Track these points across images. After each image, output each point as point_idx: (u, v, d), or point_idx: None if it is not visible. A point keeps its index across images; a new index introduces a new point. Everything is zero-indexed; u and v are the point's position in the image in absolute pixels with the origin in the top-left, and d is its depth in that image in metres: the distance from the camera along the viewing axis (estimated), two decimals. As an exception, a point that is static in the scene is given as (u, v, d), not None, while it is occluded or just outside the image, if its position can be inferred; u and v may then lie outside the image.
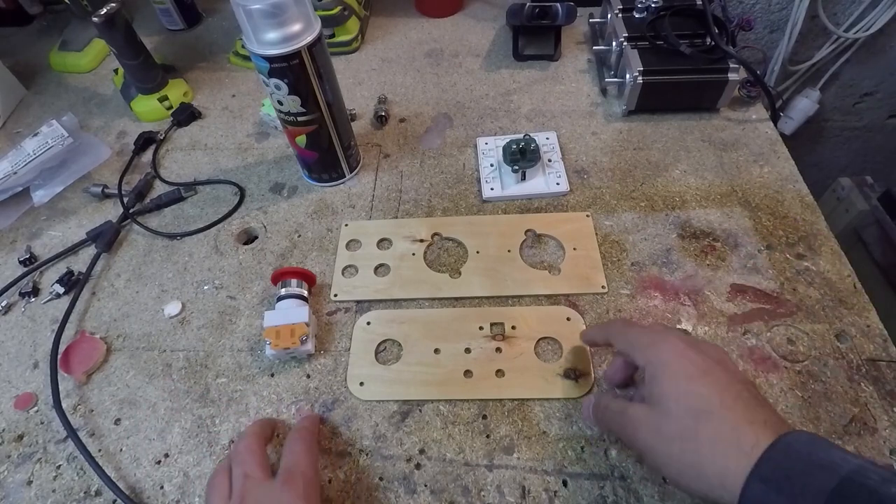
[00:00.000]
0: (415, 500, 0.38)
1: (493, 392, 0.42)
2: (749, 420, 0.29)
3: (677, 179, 0.56)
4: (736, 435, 0.28)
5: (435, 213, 0.55)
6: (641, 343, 0.35)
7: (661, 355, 0.33)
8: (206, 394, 0.44)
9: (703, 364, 0.32)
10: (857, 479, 0.25)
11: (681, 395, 0.31)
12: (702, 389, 0.31)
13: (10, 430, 0.44)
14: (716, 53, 0.58)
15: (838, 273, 0.47)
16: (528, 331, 0.45)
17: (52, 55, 0.78)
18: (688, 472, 0.30)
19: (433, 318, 0.47)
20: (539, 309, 0.47)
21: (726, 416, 0.29)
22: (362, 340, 0.46)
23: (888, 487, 0.24)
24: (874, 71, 0.91)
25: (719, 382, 0.31)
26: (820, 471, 0.26)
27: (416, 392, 0.43)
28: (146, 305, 0.50)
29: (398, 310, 0.48)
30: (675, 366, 0.32)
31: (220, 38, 0.80)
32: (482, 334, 0.45)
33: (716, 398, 0.30)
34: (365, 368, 0.44)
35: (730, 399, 0.30)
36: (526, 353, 0.44)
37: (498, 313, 0.47)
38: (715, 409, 0.30)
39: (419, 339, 0.46)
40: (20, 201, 0.60)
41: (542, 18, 0.66)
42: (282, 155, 0.62)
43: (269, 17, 0.43)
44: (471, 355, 0.44)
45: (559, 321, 0.46)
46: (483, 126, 0.63)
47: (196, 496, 0.39)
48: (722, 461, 0.28)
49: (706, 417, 0.30)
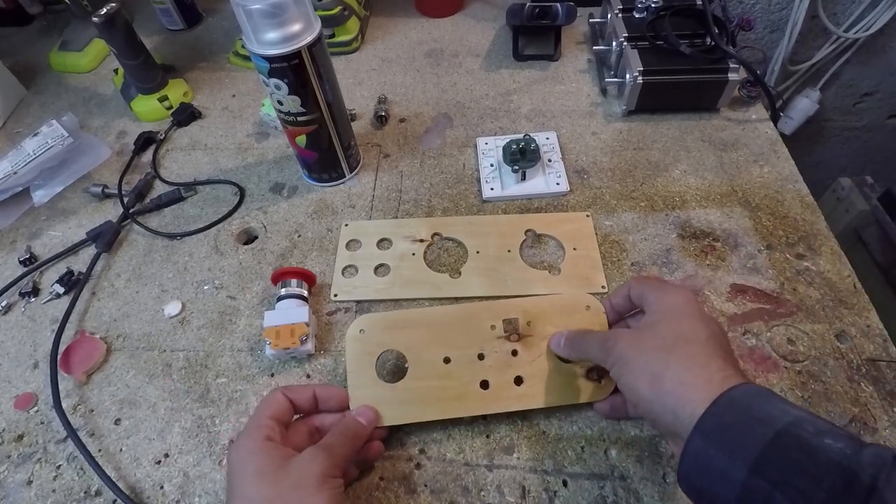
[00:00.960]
0: (415, 500, 0.38)
1: (514, 403, 0.39)
2: (724, 357, 0.31)
3: (677, 179, 0.56)
4: (707, 359, 0.30)
5: (435, 213, 0.55)
6: (655, 286, 0.36)
7: (670, 297, 0.35)
8: (206, 394, 0.44)
9: (704, 318, 0.33)
10: (793, 431, 0.26)
11: (673, 324, 0.33)
12: (696, 325, 0.32)
13: (10, 430, 0.44)
14: (716, 53, 0.58)
15: (838, 273, 0.47)
16: (545, 326, 0.41)
17: (52, 55, 0.78)
18: (649, 380, 0.31)
19: (437, 320, 0.42)
20: (555, 298, 0.43)
21: (707, 346, 0.31)
22: (358, 354, 0.40)
23: (821, 438, 0.25)
24: (874, 71, 0.91)
25: (714, 327, 0.33)
26: (757, 424, 0.26)
27: (433, 412, 0.39)
28: (146, 305, 0.50)
29: (395, 312, 0.44)
30: (680, 307, 0.34)
31: (220, 38, 0.80)
32: (495, 335, 0.41)
33: (705, 333, 0.32)
34: (368, 389, 0.39)
35: (716, 340, 0.32)
36: (545, 353, 0.41)
37: (510, 306, 0.42)
38: (700, 339, 0.31)
39: (425, 346, 0.41)
40: (20, 201, 0.60)
41: (542, 18, 0.66)
42: (282, 155, 0.62)
43: (269, 17, 0.43)
44: (485, 362, 0.40)
45: (578, 311, 0.41)
46: (483, 126, 0.63)
47: (196, 496, 0.39)
48: (684, 373, 0.30)
49: (688, 340, 0.31)
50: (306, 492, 0.32)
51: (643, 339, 0.33)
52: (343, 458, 0.35)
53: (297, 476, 0.32)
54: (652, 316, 0.35)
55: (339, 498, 0.33)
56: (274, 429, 0.35)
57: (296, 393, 0.38)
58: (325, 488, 0.32)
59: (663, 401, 0.30)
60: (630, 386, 0.32)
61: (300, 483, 0.32)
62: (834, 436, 0.25)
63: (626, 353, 0.33)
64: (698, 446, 0.28)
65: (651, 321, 0.34)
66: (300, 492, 0.32)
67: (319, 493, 0.32)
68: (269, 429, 0.35)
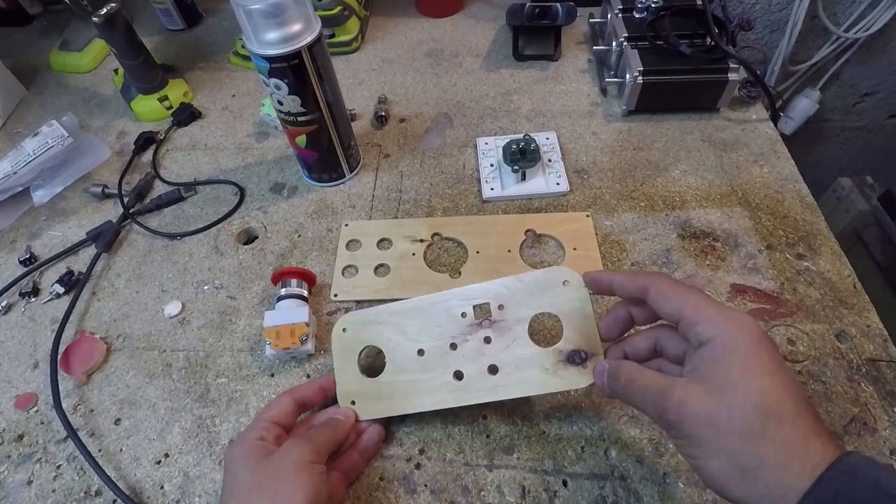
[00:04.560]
0: (415, 500, 0.38)
1: (488, 394, 0.38)
2: (817, 433, 0.26)
3: (677, 179, 0.56)
4: (805, 445, 0.26)
5: (435, 213, 0.55)
6: (706, 312, 0.29)
7: (734, 337, 0.28)
8: (206, 394, 0.44)
9: (779, 360, 0.28)
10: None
11: (753, 389, 0.27)
12: (777, 388, 0.27)
13: (11, 430, 0.44)
14: (716, 53, 0.58)
15: (838, 273, 0.47)
16: (518, 309, 0.38)
17: (52, 55, 0.78)
18: (738, 475, 0.26)
19: (408, 310, 0.41)
20: (526, 277, 0.39)
21: (798, 424, 0.26)
22: (343, 352, 0.41)
23: None
24: (874, 71, 0.91)
25: (792, 384, 0.27)
26: (889, 501, 0.23)
27: (410, 405, 0.39)
28: (146, 305, 0.50)
29: (371, 308, 0.43)
30: (751, 354, 0.28)
31: (220, 38, 0.80)
32: (466, 322, 0.39)
33: (791, 402, 0.27)
34: (353, 385, 0.41)
35: (802, 405, 0.27)
36: (519, 337, 0.38)
37: (479, 291, 0.39)
38: (788, 413, 0.26)
39: (399, 340, 0.40)
40: (20, 201, 0.60)
41: (542, 18, 0.66)
42: (282, 155, 0.62)
43: (269, 17, 0.43)
44: (458, 352, 0.39)
45: (555, 289, 0.38)
46: (483, 126, 0.63)
47: (196, 496, 0.39)
48: (784, 471, 0.25)
49: (778, 419, 0.26)
50: (285, 477, 0.33)
51: (719, 415, 0.27)
52: (322, 444, 0.36)
53: (276, 465, 0.34)
54: (718, 369, 0.28)
55: (319, 483, 0.34)
56: (269, 430, 0.37)
57: (302, 391, 0.40)
58: (305, 474, 0.33)
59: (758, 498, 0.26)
60: (711, 474, 0.28)
61: (280, 470, 0.33)
62: None
63: (699, 434, 0.27)
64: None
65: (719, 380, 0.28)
66: (279, 478, 0.33)
67: (297, 478, 0.33)
68: (263, 430, 0.36)
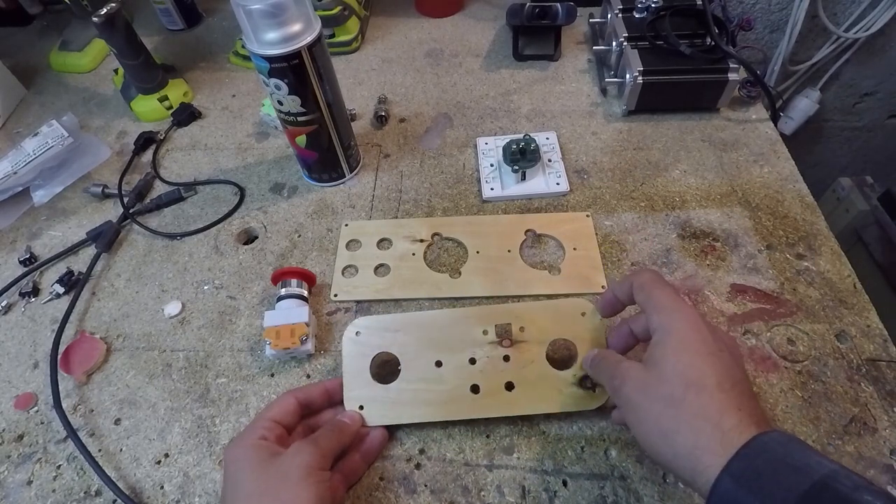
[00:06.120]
0: (415, 500, 0.38)
1: (503, 409, 0.40)
2: (738, 406, 0.29)
3: (677, 179, 0.56)
4: (720, 415, 0.28)
5: (435, 213, 0.55)
6: (661, 304, 0.33)
7: (675, 323, 0.32)
8: (206, 394, 0.44)
9: (714, 345, 0.31)
10: (830, 484, 0.25)
11: (680, 364, 0.31)
12: (704, 365, 0.30)
13: (10, 430, 0.44)
14: (716, 53, 0.58)
15: (838, 273, 0.47)
16: (539, 332, 0.41)
17: (52, 55, 0.78)
18: (660, 437, 0.30)
19: (430, 323, 0.43)
20: (549, 304, 0.43)
21: (717, 396, 0.29)
22: (354, 356, 0.42)
23: (860, 494, 0.24)
24: (874, 71, 0.91)
25: (723, 365, 0.30)
26: (793, 472, 0.26)
27: (421, 414, 0.40)
28: (146, 305, 0.50)
29: (390, 315, 0.44)
30: (686, 337, 0.31)
31: (220, 38, 0.80)
32: (487, 340, 0.41)
33: (713, 377, 0.30)
34: (363, 389, 0.41)
35: (727, 383, 0.30)
36: (537, 360, 0.41)
37: (503, 312, 0.42)
38: (709, 386, 0.29)
39: (418, 349, 0.41)
40: (20, 201, 0.60)
41: (542, 18, 0.66)
42: (282, 155, 0.62)
43: (269, 17, 0.43)
44: (476, 367, 0.41)
45: (573, 318, 0.41)
46: (483, 126, 0.63)
47: (196, 496, 0.39)
48: (697, 435, 0.28)
49: (697, 390, 0.29)
50: (291, 482, 0.33)
51: (650, 384, 0.31)
52: (329, 450, 0.36)
53: (283, 469, 0.34)
54: (657, 348, 0.32)
55: (325, 490, 0.34)
56: (271, 429, 0.36)
57: (306, 392, 0.40)
58: (311, 481, 0.33)
59: (679, 463, 0.29)
60: (641, 437, 0.31)
61: (286, 475, 0.33)
62: (872, 493, 0.25)
63: (633, 399, 0.32)
64: (727, 488, 0.26)
65: (657, 356, 0.32)
66: (285, 483, 0.33)
67: (304, 485, 0.33)
68: (265, 429, 0.36)
